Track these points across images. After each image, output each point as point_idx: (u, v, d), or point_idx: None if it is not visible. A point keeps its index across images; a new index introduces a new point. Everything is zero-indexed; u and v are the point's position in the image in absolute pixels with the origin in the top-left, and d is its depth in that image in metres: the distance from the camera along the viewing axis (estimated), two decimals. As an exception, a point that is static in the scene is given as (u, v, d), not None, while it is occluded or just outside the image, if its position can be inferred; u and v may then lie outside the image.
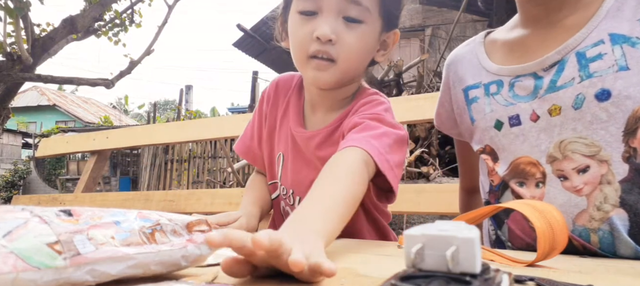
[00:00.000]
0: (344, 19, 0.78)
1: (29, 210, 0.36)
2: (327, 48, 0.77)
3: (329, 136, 0.85)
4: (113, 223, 0.38)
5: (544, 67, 0.70)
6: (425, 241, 0.29)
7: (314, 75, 0.80)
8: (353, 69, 0.82)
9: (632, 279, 0.45)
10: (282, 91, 0.95)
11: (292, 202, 0.90)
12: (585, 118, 0.65)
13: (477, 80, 0.80)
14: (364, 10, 0.78)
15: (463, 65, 0.85)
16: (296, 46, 0.81)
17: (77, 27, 3.62)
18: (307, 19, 0.79)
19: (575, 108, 0.66)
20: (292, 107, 0.92)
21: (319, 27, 0.77)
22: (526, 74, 0.73)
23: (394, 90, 4.38)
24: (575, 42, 0.68)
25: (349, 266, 0.49)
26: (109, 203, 1.94)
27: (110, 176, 10.51)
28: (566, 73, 0.68)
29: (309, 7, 0.79)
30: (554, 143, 0.68)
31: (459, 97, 0.84)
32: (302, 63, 0.81)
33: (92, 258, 0.34)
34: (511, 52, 0.78)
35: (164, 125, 2.12)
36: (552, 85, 0.69)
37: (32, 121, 20.98)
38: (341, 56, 0.78)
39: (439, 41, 6.97)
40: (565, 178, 0.67)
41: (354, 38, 0.78)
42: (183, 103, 12.50)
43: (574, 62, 0.67)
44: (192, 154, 7.51)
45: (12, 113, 3.97)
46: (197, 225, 0.43)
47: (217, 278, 0.41)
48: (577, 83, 0.66)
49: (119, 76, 3.95)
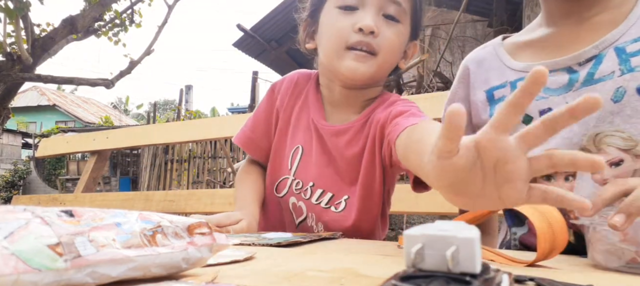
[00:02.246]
0: (384, 16, 0.81)
1: (30, 211, 0.36)
2: (369, 39, 0.79)
3: (357, 132, 0.86)
4: (114, 224, 0.38)
5: (580, 61, 0.71)
6: (425, 241, 0.29)
7: (352, 66, 0.80)
8: (388, 65, 0.85)
9: (632, 279, 0.45)
10: (301, 86, 0.96)
11: (308, 196, 0.90)
12: (625, 112, 0.65)
13: (502, 80, 0.80)
14: (401, 10, 0.82)
15: (484, 66, 0.84)
16: (334, 37, 0.82)
17: (77, 27, 3.62)
18: (347, 13, 0.81)
19: (614, 101, 0.66)
20: (312, 102, 0.92)
21: (362, 19, 0.79)
22: (559, 69, 0.72)
23: (394, 90, 4.38)
24: (613, 37, 0.69)
25: (349, 266, 0.49)
26: (109, 204, 1.94)
27: (110, 176, 10.51)
28: (604, 67, 0.68)
29: (350, 1, 0.81)
30: (588, 136, 0.68)
31: (479, 97, 0.82)
32: (339, 54, 0.82)
33: (93, 260, 0.34)
34: (539, 49, 0.78)
35: (164, 125, 2.13)
36: (590, 78, 0.69)
37: (32, 121, 20.97)
38: (382, 49, 0.80)
39: (439, 41, 6.96)
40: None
41: (393, 34, 0.81)
42: (183, 103, 12.50)
43: (613, 56, 0.68)
44: (192, 154, 7.51)
45: (12, 114, 3.97)
46: (198, 228, 0.43)
47: (217, 278, 0.41)
48: (617, 77, 0.66)
49: (119, 76, 3.95)
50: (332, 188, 0.88)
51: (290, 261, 0.52)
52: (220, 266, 0.48)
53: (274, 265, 0.49)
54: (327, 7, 0.86)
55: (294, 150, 0.92)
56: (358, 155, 0.86)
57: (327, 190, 0.88)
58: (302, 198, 0.91)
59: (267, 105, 0.98)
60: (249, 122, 1.01)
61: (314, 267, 0.48)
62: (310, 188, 0.89)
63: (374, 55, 0.81)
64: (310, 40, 0.91)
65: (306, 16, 0.92)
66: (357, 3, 0.81)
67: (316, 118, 0.90)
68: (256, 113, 1.00)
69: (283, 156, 0.94)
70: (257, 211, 0.90)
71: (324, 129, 0.88)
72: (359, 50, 0.80)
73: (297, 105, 0.94)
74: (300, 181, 0.91)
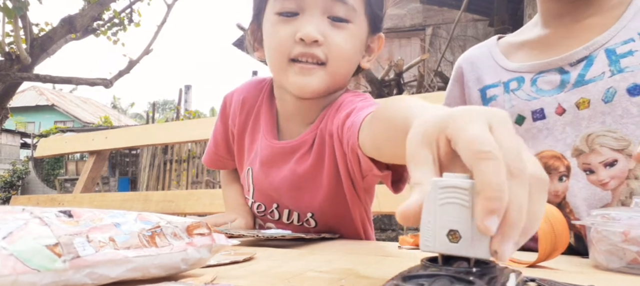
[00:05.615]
0: (330, 18, 0.71)
1: (29, 211, 0.36)
2: (313, 50, 0.70)
3: (310, 147, 0.78)
4: (113, 225, 0.38)
5: (571, 62, 0.71)
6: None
7: (298, 82, 0.72)
8: (343, 73, 0.76)
9: (634, 280, 0.45)
10: (249, 103, 0.86)
11: (277, 217, 0.84)
12: (616, 112, 0.66)
13: (495, 79, 0.80)
14: (350, 9, 0.71)
15: (479, 65, 0.84)
16: (274, 50, 0.73)
17: (76, 26, 3.62)
18: (287, 19, 0.72)
19: (605, 102, 0.66)
20: (264, 119, 0.84)
21: (302, 27, 0.70)
22: (551, 69, 0.73)
23: (395, 90, 4.39)
24: (603, 39, 0.69)
25: (349, 266, 0.49)
26: (108, 204, 1.94)
27: (109, 176, 10.49)
28: (595, 68, 0.68)
29: (289, 7, 0.71)
30: (581, 137, 0.68)
31: (474, 96, 0.83)
32: (282, 69, 0.73)
33: (91, 261, 0.34)
34: (532, 49, 0.79)
35: (163, 125, 2.12)
36: (581, 79, 0.69)
37: (30, 121, 20.95)
38: (331, 57, 0.71)
39: (440, 41, 6.97)
40: (592, 171, 0.67)
41: (343, 38, 0.72)
42: (182, 103, 12.49)
43: (603, 57, 0.68)
44: (191, 154, 7.50)
45: (11, 114, 3.97)
46: (197, 228, 0.43)
47: (216, 279, 0.41)
48: (608, 77, 0.67)
49: (118, 76, 3.95)
50: (297, 207, 0.82)
51: (290, 261, 0.52)
52: (220, 266, 0.48)
53: (273, 265, 0.49)
54: (267, 13, 0.75)
55: (246, 172, 0.87)
56: (314, 170, 0.78)
57: (294, 210, 0.82)
58: (271, 219, 0.85)
59: (221, 124, 0.92)
60: (211, 141, 0.96)
61: (314, 267, 0.48)
62: (276, 209, 0.84)
63: (322, 65, 0.72)
64: (259, 46, 0.81)
65: (251, 20, 0.82)
66: (297, 8, 0.71)
67: (268, 137, 0.82)
68: (214, 132, 0.94)
69: (242, 177, 0.90)
70: (249, 210, 0.89)
71: (276, 148, 0.81)
72: (303, 62, 0.71)
73: (248, 126, 0.86)
74: (262, 204, 0.85)
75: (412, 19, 7.41)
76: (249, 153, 0.86)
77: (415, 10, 7.33)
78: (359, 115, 0.63)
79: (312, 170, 0.78)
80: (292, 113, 0.81)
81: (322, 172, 0.77)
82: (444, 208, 0.27)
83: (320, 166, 0.77)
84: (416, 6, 7.18)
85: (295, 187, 0.80)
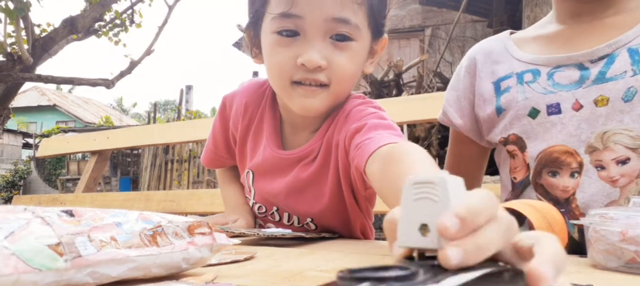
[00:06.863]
0: (333, 38, 0.69)
1: (31, 211, 0.36)
2: (316, 75, 0.69)
3: (315, 156, 0.78)
4: (114, 224, 0.38)
5: (592, 59, 0.71)
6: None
7: (303, 104, 0.71)
8: (346, 91, 0.76)
9: (632, 279, 0.45)
10: (252, 108, 0.85)
11: (278, 219, 0.85)
12: (635, 112, 0.66)
13: (508, 71, 0.79)
14: (353, 27, 0.69)
15: (492, 57, 0.83)
16: (275, 72, 0.72)
17: (78, 27, 3.62)
18: (287, 41, 0.69)
19: (624, 101, 0.67)
20: (268, 126, 0.82)
21: (304, 53, 0.67)
22: (570, 64, 0.73)
23: (394, 90, 4.39)
24: (626, 38, 0.69)
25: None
26: (110, 204, 1.95)
27: (111, 176, 10.51)
28: (616, 66, 0.68)
29: (289, 26, 0.68)
30: (596, 134, 0.68)
31: (486, 89, 0.81)
32: (284, 89, 0.72)
33: (93, 260, 0.34)
34: (549, 43, 0.78)
35: (165, 125, 2.13)
36: (601, 77, 0.69)
37: (32, 121, 20.98)
38: (334, 79, 0.70)
39: (439, 41, 6.97)
40: (603, 167, 0.67)
41: (346, 59, 0.70)
42: (183, 103, 12.49)
43: (625, 57, 0.68)
44: (193, 154, 7.50)
45: (13, 114, 3.98)
46: (198, 228, 0.43)
47: (217, 278, 0.41)
48: (629, 77, 0.67)
49: (119, 76, 3.95)
50: (297, 212, 0.82)
51: (290, 261, 0.52)
52: (221, 266, 0.48)
53: (274, 264, 0.49)
54: (265, 28, 0.72)
55: (247, 174, 0.86)
56: (317, 178, 0.78)
57: (293, 214, 0.83)
58: (271, 221, 0.86)
59: (221, 125, 0.91)
60: (209, 141, 0.95)
61: (314, 267, 0.48)
62: (276, 212, 0.84)
63: (325, 86, 0.70)
64: (258, 52, 0.78)
65: (247, 26, 0.79)
66: (297, 28, 0.68)
67: (272, 146, 0.81)
68: (213, 132, 0.93)
69: (243, 178, 0.89)
70: (249, 209, 0.89)
71: (280, 158, 0.80)
72: (307, 85, 0.69)
73: (250, 132, 0.85)
74: (263, 205, 0.85)
75: (411, 20, 7.42)
76: (251, 158, 0.86)
77: (415, 11, 7.33)
78: (369, 143, 0.63)
79: (315, 178, 0.78)
80: (297, 123, 0.81)
81: (325, 180, 0.77)
82: (417, 203, 0.28)
83: (324, 174, 0.77)
84: (415, 7, 7.18)
85: (296, 193, 0.80)
